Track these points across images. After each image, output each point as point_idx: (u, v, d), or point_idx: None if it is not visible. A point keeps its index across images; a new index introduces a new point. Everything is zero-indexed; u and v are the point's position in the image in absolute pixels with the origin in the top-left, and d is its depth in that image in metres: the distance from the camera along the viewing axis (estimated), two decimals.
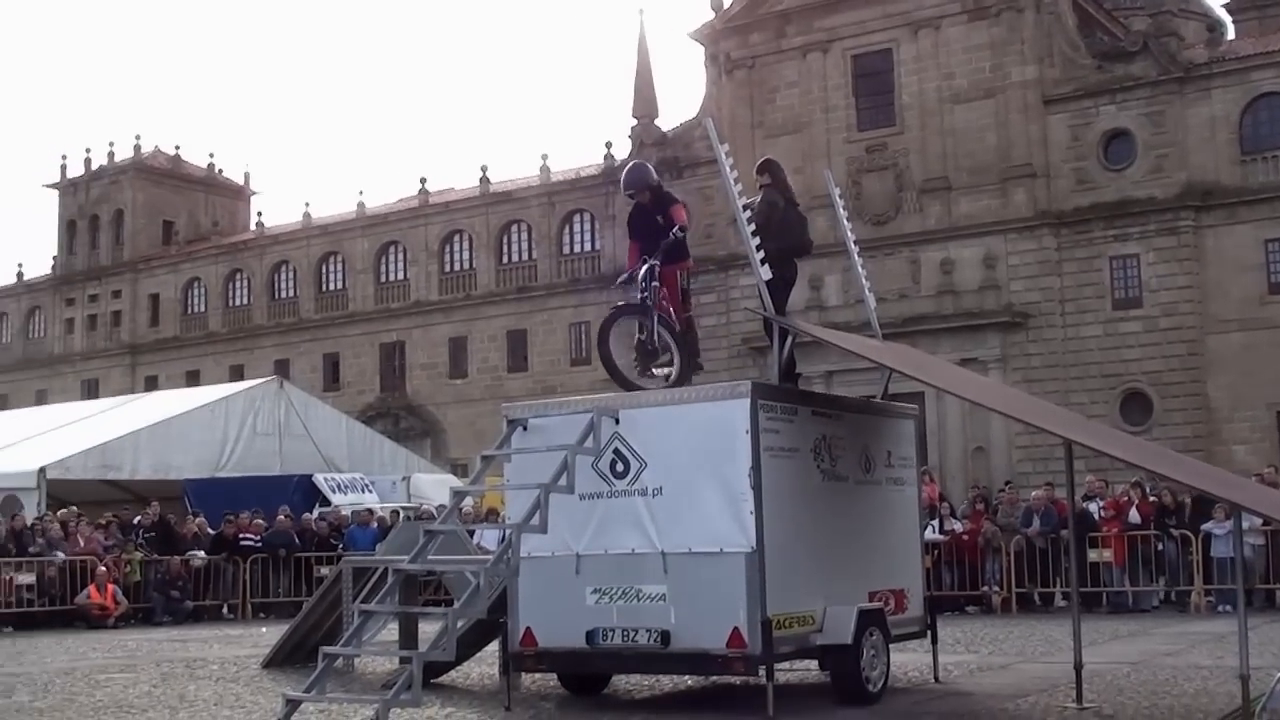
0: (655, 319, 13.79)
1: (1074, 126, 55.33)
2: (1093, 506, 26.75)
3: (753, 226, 13.75)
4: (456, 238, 73.20)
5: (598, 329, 14.42)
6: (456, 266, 73.12)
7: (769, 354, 15.35)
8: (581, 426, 12.84)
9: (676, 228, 13.88)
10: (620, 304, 14.33)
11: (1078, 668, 13.14)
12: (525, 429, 13.51)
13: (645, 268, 13.84)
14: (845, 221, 16.44)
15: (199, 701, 14.69)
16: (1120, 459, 13.59)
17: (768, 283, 13.78)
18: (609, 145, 68.47)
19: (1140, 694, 13.94)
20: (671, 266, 14.16)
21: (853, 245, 16.25)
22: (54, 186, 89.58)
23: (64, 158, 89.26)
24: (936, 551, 25.99)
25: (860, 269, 16.37)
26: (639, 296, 13.85)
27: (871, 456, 14.62)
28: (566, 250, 69.57)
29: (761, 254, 13.62)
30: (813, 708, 13.20)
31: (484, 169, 73.03)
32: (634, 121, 66.36)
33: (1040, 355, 55.05)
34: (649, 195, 14.30)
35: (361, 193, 78.60)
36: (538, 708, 13.81)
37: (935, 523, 26.66)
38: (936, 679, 15.05)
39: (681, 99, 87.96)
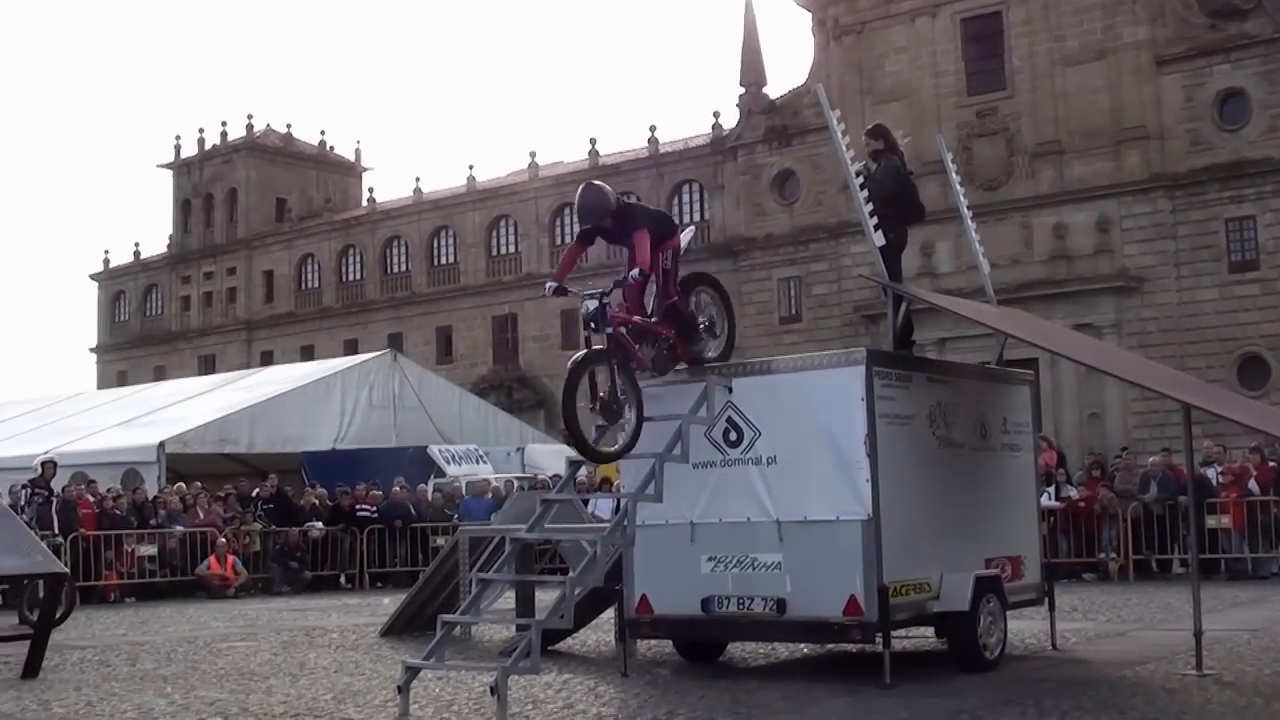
0: (614, 369, 12.22)
1: (1187, 87, 54.48)
2: (1211, 472, 26.45)
3: (866, 193, 13.63)
4: (567, 210, 73.25)
5: (565, 376, 12.08)
6: (567, 239, 73.11)
7: (882, 321, 15.24)
8: (695, 395, 12.85)
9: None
10: (593, 349, 12.30)
11: (1198, 635, 12.94)
12: None
13: (595, 307, 12.07)
14: (958, 186, 16.30)
15: (319, 669, 14.85)
16: (1240, 423, 13.42)
17: (881, 249, 13.69)
18: (716, 115, 68.48)
19: (1261, 661, 13.79)
20: (655, 250, 12.43)
21: (966, 210, 16.10)
22: (168, 166, 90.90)
23: (178, 138, 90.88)
24: (1053, 518, 25.79)
25: (974, 234, 16.21)
26: (603, 332, 12.14)
27: (987, 423, 14.46)
28: (677, 220, 69.32)
29: (874, 220, 13.53)
30: (930, 675, 13.14)
31: (593, 141, 73.61)
32: (741, 90, 66.29)
33: (1155, 320, 54.34)
34: (610, 220, 12.45)
35: (471, 167, 79.26)
36: (654, 674, 13.82)
37: (1051, 489, 26.45)
38: (1054, 646, 14.93)
39: (789, 67, 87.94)
